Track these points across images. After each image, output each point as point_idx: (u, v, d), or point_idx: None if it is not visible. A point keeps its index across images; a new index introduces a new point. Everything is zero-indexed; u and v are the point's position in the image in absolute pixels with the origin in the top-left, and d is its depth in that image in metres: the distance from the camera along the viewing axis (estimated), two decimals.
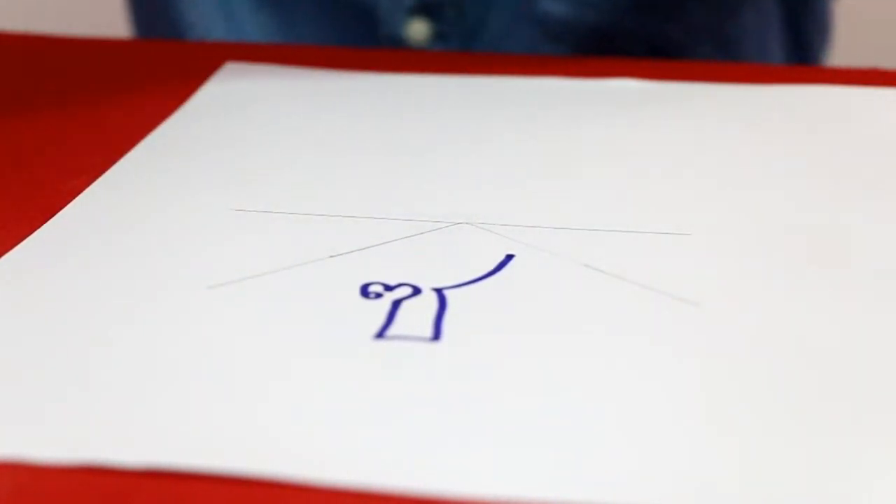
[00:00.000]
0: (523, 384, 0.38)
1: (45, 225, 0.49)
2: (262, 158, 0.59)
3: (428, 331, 0.42)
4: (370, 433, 0.36)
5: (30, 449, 0.35)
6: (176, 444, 0.35)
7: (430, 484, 0.33)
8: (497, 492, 0.33)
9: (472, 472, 0.34)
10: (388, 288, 0.45)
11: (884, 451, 0.35)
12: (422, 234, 0.50)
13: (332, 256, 0.48)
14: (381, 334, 0.41)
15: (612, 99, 0.65)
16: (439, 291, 0.45)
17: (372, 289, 0.45)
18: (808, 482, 0.33)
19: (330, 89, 0.68)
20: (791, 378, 0.39)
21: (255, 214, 0.52)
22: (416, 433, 0.36)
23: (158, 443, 0.35)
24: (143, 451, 0.34)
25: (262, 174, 0.57)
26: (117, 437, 0.36)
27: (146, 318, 0.43)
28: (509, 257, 0.48)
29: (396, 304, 0.44)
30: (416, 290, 0.45)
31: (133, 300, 0.44)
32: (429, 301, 0.44)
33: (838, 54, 0.96)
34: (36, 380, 0.39)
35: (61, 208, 0.50)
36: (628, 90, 0.66)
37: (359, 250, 0.49)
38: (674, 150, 0.58)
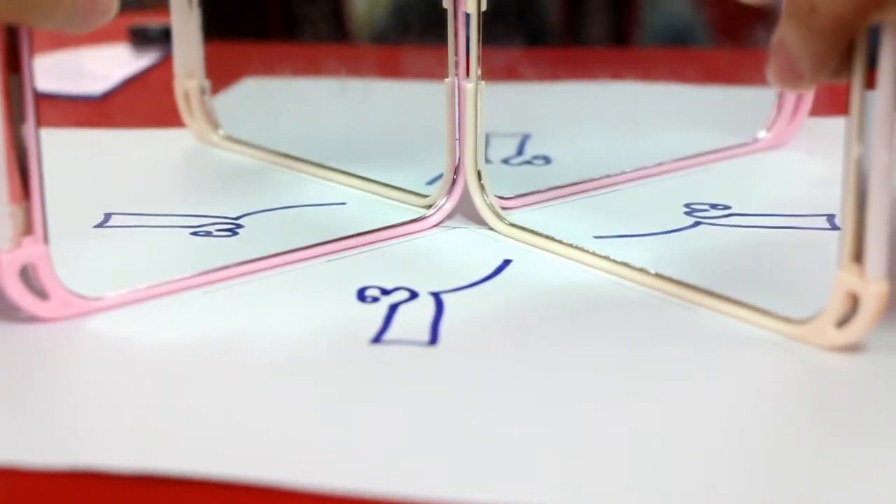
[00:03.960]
0: (520, 389, 0.38)
1: None
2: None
3: (425, 335, 0.41)
4: (367, 438, 0.35)
5: (22, 454, 0.34)
6: (169, 450, 0.35)
7: (427, 488, 0.33)
8: (493, 496, 0.33)
9: (469, 477, 0.33)
10: (385, 292, 0.45)
11: None
12: (420, 237, 0.51)
13: (329, 261, 0.48)
14: (377, 339, 0.41)
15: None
16: (436, 295, 0.44)
17: (369, 293, 0.45)
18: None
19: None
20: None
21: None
22: (413, 438, 0.35)
23: (151, 448, 0.35)
24: (137, 457, 0.34)
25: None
26: (110, 443, 0.35)
27: (138, 321, 0.43)
28: (507, 262, 0.48)
29: (393, 308, 0.43)
30: (413, 294, 0.45)
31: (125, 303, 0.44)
32: (426, 305, 0.44)
33: None
34: (27, 386, 0.39)
35: None
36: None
37: (356, 254, 0.49)
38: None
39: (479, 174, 0.51)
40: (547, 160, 0.61)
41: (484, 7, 0.49)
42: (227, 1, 0.63)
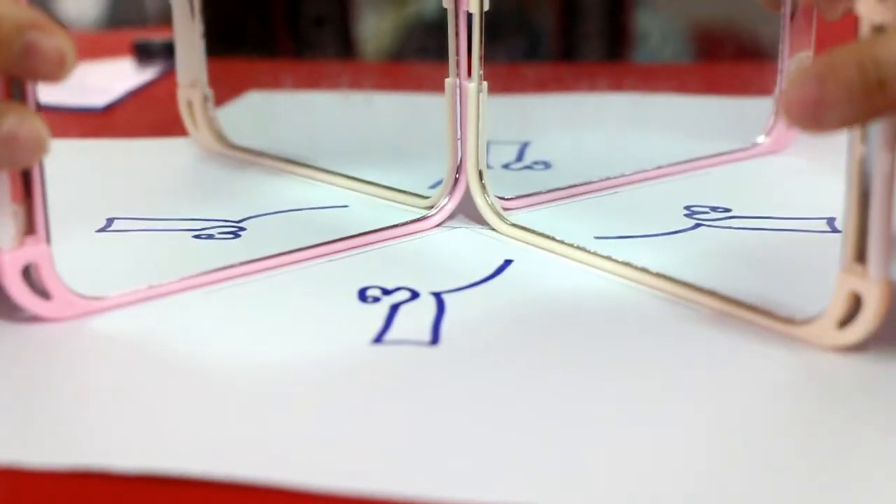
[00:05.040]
0: (521, 388, 0.38)
1: None
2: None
3: (426, 335, 0.41)
4: (368, 438, 0.35)
5: (24, 454, 0.34)
6: (170, 450, 0.35)
7: (429, 488, 0.33)
8: (495, 496, 0.33)
9: (470, 477, 0.33)
10: (386, 292, 0.45)
11: None
12: (421, 237, 0.51)
13: (330, 261, 0.48)
14: (379, 339, 0.41)
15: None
16: (437, 295, 0.45)
17: (370, 293, 0.45)
18: None
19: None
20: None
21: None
22: (414, 438, 0.35)
23: (153, 448, 0.35)
24: (138, 457, 0.34)
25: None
26: (113, 443, 0.35)
27: (140, 321, 0.43)
28: (508, 262, 0.48)
29: (395, 308, 0.43)
30: (415, 294, 0.45)
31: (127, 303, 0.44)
32: (427, 305, 0.44)
33: None
34: (29, 385, 0.39)
35: None
36: None
37: (357, 254, 0.49)
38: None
39: (480, 174, 0.51)
40: (547, 165, 0.61)
41: (486, 7, 0.49)
42: (235, 20, 0.62)
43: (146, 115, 0.73)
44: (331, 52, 0.97)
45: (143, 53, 0.86)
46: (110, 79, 0.80)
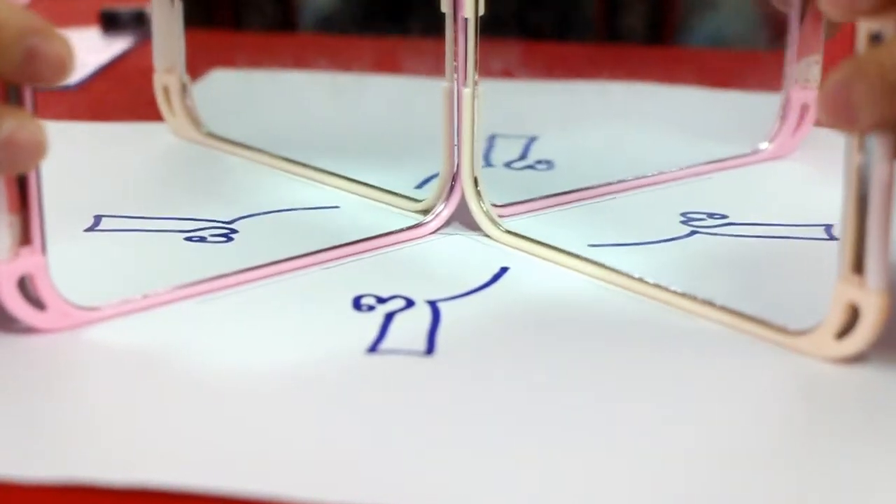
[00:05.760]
0: (517, 399, 0.38)
1: None
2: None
3: (421, 344, 0.41)
4: (363, 449, 0.35)
5: (18, 468, 0.34)
6: (162, 463, 0.35)
7: (424, 499, 0.33)
8: None
9: (466, 487, 0.34)
10: (381, 300, 0.45)
11: None
12: (416, 244, 0.50)
13: (325, 268, 0.48)
14: (373, 348, 0.41)
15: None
16: (433, 304, 0.44)
17: (365, 301, 0.45)
18: None
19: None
20: None
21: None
22: (409, 449, 0.35)
23: (144, 461, 0.35)
24: (133, 470, 0.34)
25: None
26: (107, 456, 0.35)
27: (135, 332, 0.42)
28: (503, 270, 0.48)
29: (389, 317, 0.43)
30: (410, 303, 0.44)
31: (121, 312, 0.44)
32: (422, 314, 0.44)
33: None
34: (24, 397, 0.39)
35: None
36: None
37: (351, 261, 0.48)
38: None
39: (475, 181, 0.51)
40: (549, 165, 0.61)
41: (482, 11, 0.49)
42: None
43: (120, 93, 0.71)
44: (270, 21, 0.95)
45: (111, 23, 0.83)
46: (79, 52, 0.78)
